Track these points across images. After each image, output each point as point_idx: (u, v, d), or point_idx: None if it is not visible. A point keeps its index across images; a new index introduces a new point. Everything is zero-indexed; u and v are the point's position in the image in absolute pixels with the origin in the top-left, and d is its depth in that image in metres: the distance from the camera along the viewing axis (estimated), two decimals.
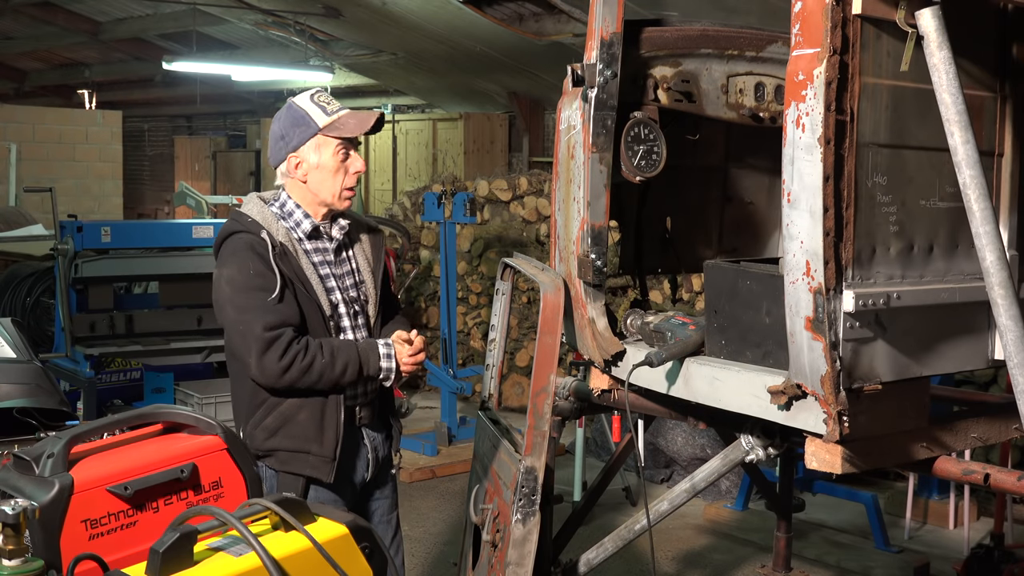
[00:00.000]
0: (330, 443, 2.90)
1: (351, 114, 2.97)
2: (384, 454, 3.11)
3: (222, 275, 2.88)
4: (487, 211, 9.26)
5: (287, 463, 2.90)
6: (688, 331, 2.95)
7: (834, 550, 5.39)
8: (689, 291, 7.47)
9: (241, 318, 2.83)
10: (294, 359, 2.80)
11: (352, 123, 2.94)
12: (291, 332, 2.82)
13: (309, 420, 2.89)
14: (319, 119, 2.92)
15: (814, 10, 2.36)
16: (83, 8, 14.38)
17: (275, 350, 2.79)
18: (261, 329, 2.79)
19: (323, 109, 2.93)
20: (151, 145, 20.47)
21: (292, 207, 2.99)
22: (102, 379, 7.00)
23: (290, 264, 2.87)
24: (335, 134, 2.92)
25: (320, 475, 2.90)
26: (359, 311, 3.04)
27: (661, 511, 2.99)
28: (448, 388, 7.21)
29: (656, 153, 3.06)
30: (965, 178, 2.28)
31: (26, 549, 1.70)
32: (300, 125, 2.93)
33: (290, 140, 2.94)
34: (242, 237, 2.87)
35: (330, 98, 2.98)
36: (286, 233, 2.91)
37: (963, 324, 2.74)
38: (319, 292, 2.91)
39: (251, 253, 2.84)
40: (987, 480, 2.65)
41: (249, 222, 2.89)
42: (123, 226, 7.59)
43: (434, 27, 10.69)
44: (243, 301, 2.83)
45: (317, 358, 2.82)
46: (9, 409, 2.83)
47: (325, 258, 3.00)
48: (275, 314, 2.81)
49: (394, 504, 3.19)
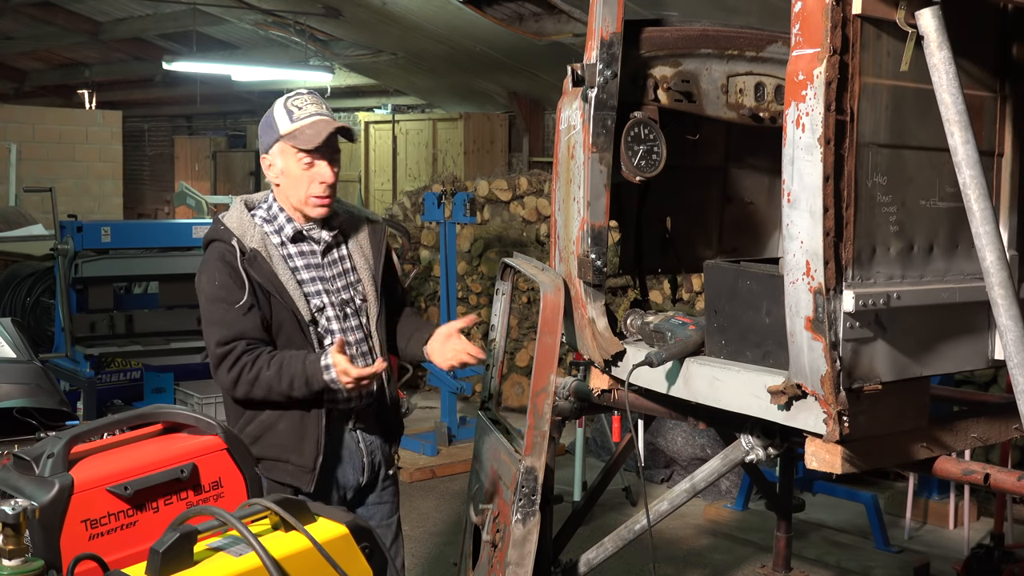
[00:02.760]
0: (309, 454, 2.89)
1: (312, 123, 2.85)
2: (381, 458, 3.07)
3: (198, 283, 2.92)
4: (487, 211, 9.26)
5: (270, 471, 2.87)
6: (688, 331, 2.95)
7: (834, 550, 5.39)
8: (689, 291, 7.47)
9: (206, 330, 2.88)
10: (241, 372, 2.81)
11: (308, 133, 2.84)
12: (243, 345, 2.82)
13: (288, 430, 2.89)
14: (283, 125, 2.87)
15: (814, 10, 2.36)
16: (83, 8, 14.38)
17: (226, 363, 2.82)
18: (214, 344, 2.83)
19: (290, 115, 2.87)
20: (151, 145, 20.47)
21: (276, 210, 2.97)
22: (102, 379, 7.00)
23: (261, 270, 2.84)
24: (292, 143, 2.86)
25: (300, 484, 2.88)
26: (353, 312, 3.00)
27: (661, 511, 2.99)
28: (448, 388, 7.21)
29: (656, 153, 3.06)
30: (965, 178, 2.28)
31: (26, 549, 1.70)
32: (268, 128, 2.92)
33: (263, 141, 2.95)
34: (215, 246, 2.88)
35: (307, 101, 2.89)
36: (262, 239, 2.88)
37: (963, 324, 2.74)
38: (295, 298, 2.87)
39: (220, 263, 2.84)
40: (987, 480, 2.65)
41: (222, 230, 2.89)
42: (123, 226, 7.60)
43: (434, 27, 10.69)
44: (208, 313, 2.87)
45: (263, 371, 2.81)
46: (9, 409, 2.83)
47: (311, 261, 2.96)
48: (230, 328, 2.82)
49: (395, 508, 3.15)
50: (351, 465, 3.00)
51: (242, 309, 2.81)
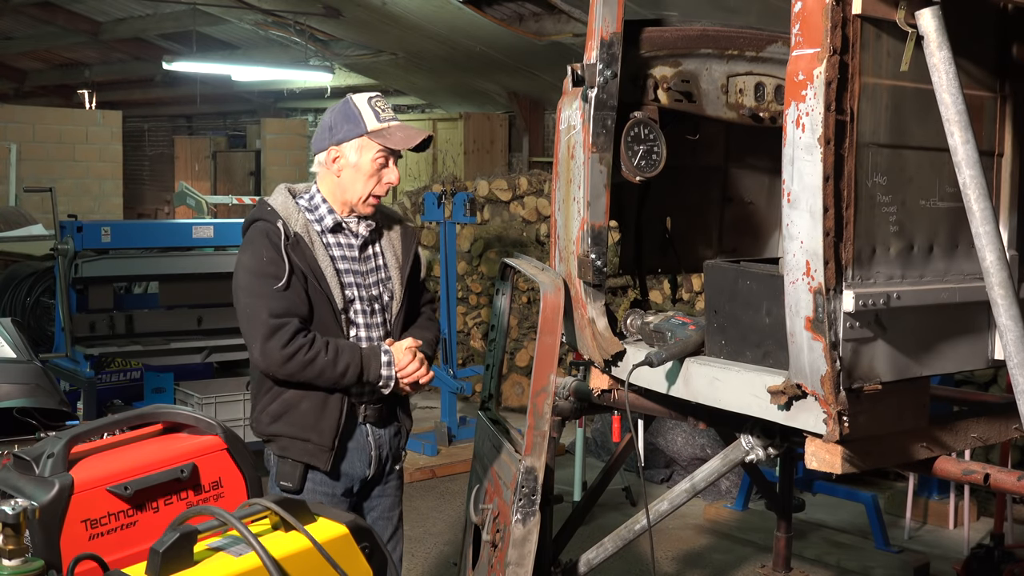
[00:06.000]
0: (329, 433, 2.96)
1: (401, 127, 3.00)
2: (388, 453, 3.13)
3: (240, 261, 2.96)
4: (487, 211, 9.26)
5: (287, 449, 2.96)
6: (688, 331, 2.95)
7: (834, 550, 5.38)
8: (689, 291, 7.47)
9: (250, 302, 2.90)
10: (298, 350, 2.85)
11: (399, 135, 2.98)
12: (297, 323, 2.87)
13: (311, 409, 2.95)
14: (370, 122, 2.97)
15: (814, 10, 2.36)
16: (83, 8, 14.38)
17: (279, 337, 2.84)
18: (267, 315, 2.85)
19: (376, 114, 2.98)
20: (151, 145, 20.47)
21: (319, 201, 3.04)
22: (102, 379, 7.00)
23: (303, 255, 2.92)
24: (380, 141, 2.96)
25: (317, 462, 2.97)
26: (379, 308, 3.06)
27: (661, 511, 2.99)
28: (448, 388, 7.21)
29: (656, 153, 3.06)
30: (965, 178, 2.28)
31: (26, 549, 1.70)
32: (350, 122, 2.99)
33: (336, 133, 3.00)
34: (260, 225, 2.95)
35: (387, 105, 3.03)
36: (305, 225, 2.96)
37: (963, 324, 2.74)
38: (332, 285, 2.94)
39: (266, 240, 2.90)
40: (987, 480, 2.65)
41: (268, 211, 2.96)
42: (123, 226, 7.59)
43: (434, 27, 10.69)
44: (254, 287, 2.89)
45: (320, 354, 2.87)
46: (9, 409, 2.83)
47: (348, 254, 3.04)
48: (282, 301, 2.86)
49: (397, 502, 3.22)
50: (359, 458, 3.06)
51: (284, 286, 2.87)
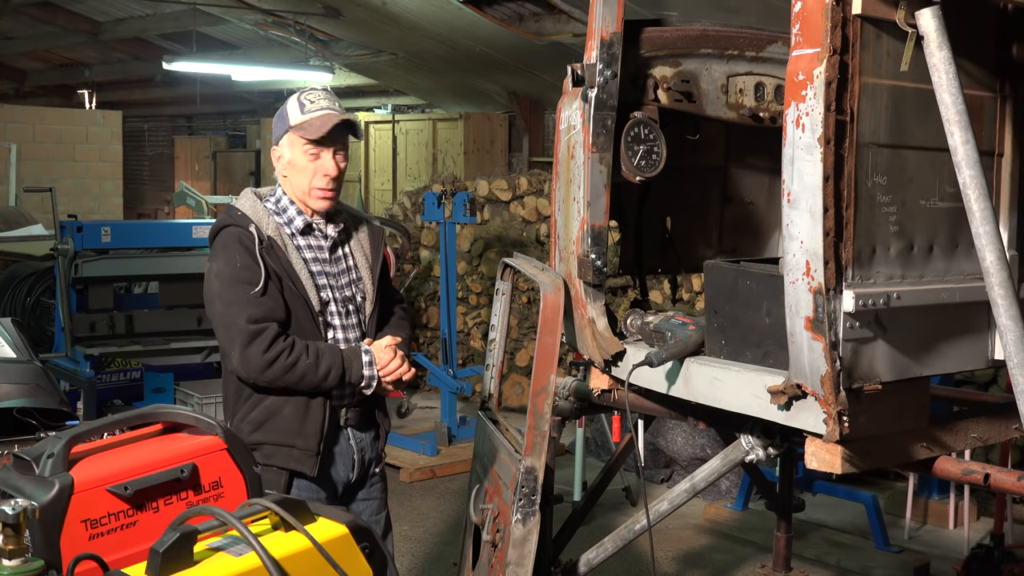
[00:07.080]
0: (313, 437, 2.93)
1: (322, 116, 2.95)
2: (371, 456, 3.12)
3: (212, 269, 2.92)
4: (487, 211, 9.26)
5: (271, 456, 2.92)
6: (688, 331, 2.95)
7: (834, 550, 5.38)
8: (689, 291, 7.47)
9: (227, 311, 2.86)
10: (279, 355, 2.82)
11: (316, 124, 2.94)
12: (276, 327, 2.85)
13: (294, 415, 2.92)
14: (293, 116, 2.97)
15: (814, 10, 2.36)
16: (83, 8, 14.38)
17: (259, 343, 2.81)
18: (245, 321, 2.82)
19: (301, 107, 2.96)
20: (151, 145, 20.47)
21: (286, 203, 3.03)
22: (102, 379, 7.00)
23: (278, 259, 2.89)
24: (300, 133, 2.95)
25: (303, 468, 2.94)
26: (353, 310, 3.05)
27: (661, 511, 2.99)
28: (448, 388, 7.21)
29: (656, 153, 3.06)
30: (965, 178, 2.28)
31: (26, 549, 1.70)
32: (281, 119, 3.01)
33: (275, 133, 3.03)
34: (231, 231, 2.91)
35: (320, 96, 2.99)
36: (276, 228, 2.93)
37: (963, 324, 2.74)
38: (308, 288, 2.93)
39: (239, 246, 2.87)
40: (987, 480, 2.65)
41: (239, 216, 2.93)
42: (123, 226, 7.60)
43: (434, 27, 10.69)
44: (230, 294, 2.86)
45: (302, 358, 2.85)
46: (9, 409, 2.83)
47: (319, 255, 3.02)
48: (259, 307, 2.83)
49: (383, 504, 3.20)
50: (343, 462, 3.05)
51: (261, 291, 2.84)
